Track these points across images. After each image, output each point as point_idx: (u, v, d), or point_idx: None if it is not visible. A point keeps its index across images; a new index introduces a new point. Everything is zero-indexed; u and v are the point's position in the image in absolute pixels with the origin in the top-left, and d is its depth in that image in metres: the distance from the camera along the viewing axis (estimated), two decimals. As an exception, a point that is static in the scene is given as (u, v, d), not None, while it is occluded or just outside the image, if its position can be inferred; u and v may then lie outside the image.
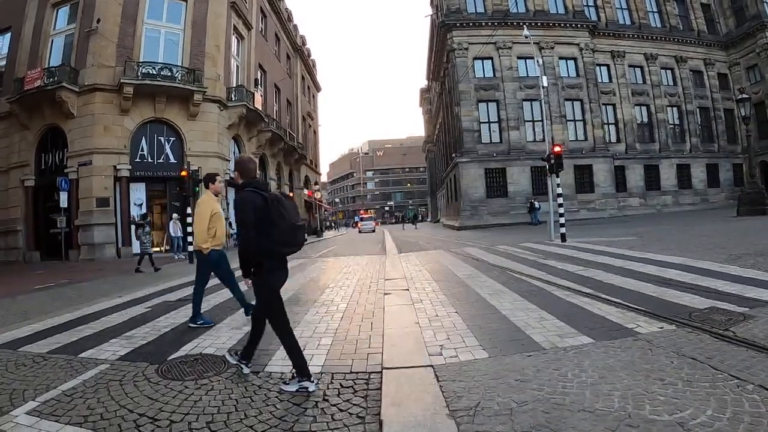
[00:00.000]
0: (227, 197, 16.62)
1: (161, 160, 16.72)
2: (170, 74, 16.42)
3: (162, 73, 16.18)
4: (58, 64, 15.98)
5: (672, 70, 29.93)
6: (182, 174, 12.88)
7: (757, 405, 2.02)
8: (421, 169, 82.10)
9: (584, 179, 26.31)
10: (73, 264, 14.11)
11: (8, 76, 17.29)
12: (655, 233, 11.89)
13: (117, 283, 8.60)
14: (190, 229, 13.08)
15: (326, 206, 57.39)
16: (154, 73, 16.04)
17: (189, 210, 13.24)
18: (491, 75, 26.65)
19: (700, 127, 30.32)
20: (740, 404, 2.04)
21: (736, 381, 2.29)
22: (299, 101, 34.62)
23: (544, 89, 15.83)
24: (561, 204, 12.37)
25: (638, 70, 29.20)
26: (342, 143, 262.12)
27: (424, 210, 74.42)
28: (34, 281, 9.47)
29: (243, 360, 3.00)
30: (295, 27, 35.66)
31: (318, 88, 45.14)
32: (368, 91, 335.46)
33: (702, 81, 30.61)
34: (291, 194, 29.61)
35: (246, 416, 2.34)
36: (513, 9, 25.73)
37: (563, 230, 11.63)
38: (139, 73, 15.76)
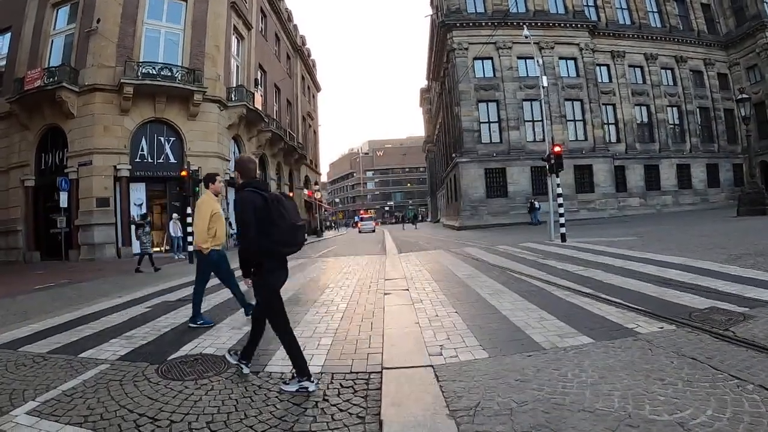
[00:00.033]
0: (227, 197, 16.61)
1: (161, 160, 16.72)
2: (170, 74, 16.42)
3: (162, 73, 16.19)
4: (58, 64, 15.97)
5: (672, 70, 29.93)
6: (182, 174, 12.91)
7: (757, 405, 2.02)
8: (421, 169, 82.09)
9: (584, 179, 26.30)
10: (73, 264, 14.12)
11: (8, 76, 17.29)
12: (655, 233, 11.89)
13: (117, 283, 8.61)
14: (190, 229, 13.12)
15: (326, 206, 57.38)
16: (154, 73, 16.04)
17: (189, 210, 13.24)
18: (491, 75, 26.65)
19: (700, 127, 30.32)
20: (740, 404, 2.04)
21: (736, 381, 2.29)
22: (299, 101, 34.62)
23: (544, 89, 15.83)
24: (561, 204, 12.37)
25: (638, 70, 29.20)
26: (342, 143, 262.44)
27: (424, 210, 74.38)
28: (34, 281, 9.47)
29: (243, 360, 3.00)
30: (295, 27, 35.67)
31: (318, 88, 45.15)
32: (368, 91, 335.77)
33: (702, 81, 30.61)
34: (292, 193, 29.65)
35: (246, 416, 2.34)
36: (513, 9, 25.72)
37: (563, 230, 11.63)
38: (139, 73, 15.76)
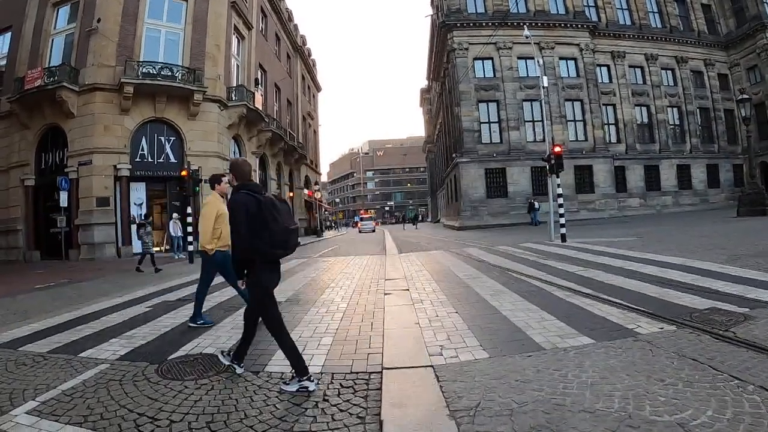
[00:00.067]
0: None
1: (161, 160, 16.72)
2: (170, 74, 16.41)
3: (162, 73, 16.18)
4: (59, 64, 15.96)
5: (672, 71, 29.92)
6: (182, 174, 12.92)
7: (758, 406, 2.02)
8: (422, 169, 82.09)
9: (584, 179, 26.30)
10: (73, 263, 14.12)
11: (8, 76, 17.29)
12: (656, 234, 11.89)
13: (117, 283, 8.61)
14: (190, 229, 13.15)
15: (326, 206, 57.36)
16: (155, 73, 16.04)
17: (189, 210, 13.26)
18: (491, 75, 26.64)
19: (701, 128, 30.31)
20: (741, 405, 2.04)
21: (737, 382, 2.28)
22: (299, 101, 34.61)
23: (545, 89, 15.83)
24: (561, 204, 12.38)
25: (638, 71, 29.20)
26: (342, 143, 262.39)
27: (424, 210, 74.37)
28: (35, 281, 9.47)
29: (235, 360, 3.02)
30: (296, 27, 35.66)
31: (318, 88, 45.14)
32: (368, 91, 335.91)
33: (702, 81, 30.61)
34: (292, 193, 29.65)
35: (246, 416, 2.33)
36: (513, 9, 25.75)
37: (563, 230, 11.63)
38: (140, 73, 15.76)
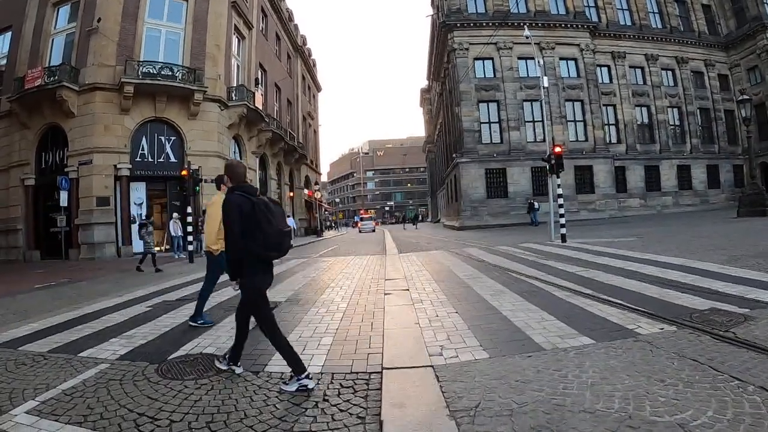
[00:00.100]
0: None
1: (161, 160, 16.72)
2: (171, 73, 16.41)
3: (162, 73, 16.18)
4: (59, 63, 15.97)
5: (673, 71, 29.90)
6: (182, 173, 12.92)
7: (758, 406, 2.02)
8: (422, 169, 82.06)
9: (584, 180, 26.29)
10: (73, 263, 14.11)
11: (9, 75, 17.30)
12: (656, 234, 11.88)
13: (117, 282, 8.61)
14: (190, 229, 13.15)
15: (326, 206, 57.37)
16: (155, 73, 16.03)
17: (189, 209, 13.26)
18: (492, 75, 26.63)
19: (701, 128, 30.29)
20: (741, 405, 2.04)
21: (737, 382, 2.28)
22: (299, 101, 34.61)
23: (545, 90, 15.85)
24: (561, 204, 12.37)
25: (639, 71, 29.18)
26: (342, 143, 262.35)
27: (424, 210, 74.37)
28: (35, 280, 9.47)
29: (232, 363, 3.02)
30: (296, 27, 35.66)
31: (318, 88, 45.14)
32: (368, 91, 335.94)
33: (702, 82, 30.60)
34: (292, 193, 29.67)
35: (246, 416, 2.33)
36: (514, 9, 25.74)
37: (563, 231, 11.62)
38: (140, 73, 15.76)
